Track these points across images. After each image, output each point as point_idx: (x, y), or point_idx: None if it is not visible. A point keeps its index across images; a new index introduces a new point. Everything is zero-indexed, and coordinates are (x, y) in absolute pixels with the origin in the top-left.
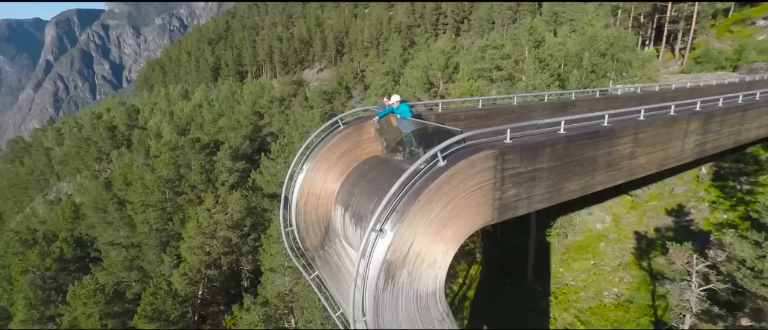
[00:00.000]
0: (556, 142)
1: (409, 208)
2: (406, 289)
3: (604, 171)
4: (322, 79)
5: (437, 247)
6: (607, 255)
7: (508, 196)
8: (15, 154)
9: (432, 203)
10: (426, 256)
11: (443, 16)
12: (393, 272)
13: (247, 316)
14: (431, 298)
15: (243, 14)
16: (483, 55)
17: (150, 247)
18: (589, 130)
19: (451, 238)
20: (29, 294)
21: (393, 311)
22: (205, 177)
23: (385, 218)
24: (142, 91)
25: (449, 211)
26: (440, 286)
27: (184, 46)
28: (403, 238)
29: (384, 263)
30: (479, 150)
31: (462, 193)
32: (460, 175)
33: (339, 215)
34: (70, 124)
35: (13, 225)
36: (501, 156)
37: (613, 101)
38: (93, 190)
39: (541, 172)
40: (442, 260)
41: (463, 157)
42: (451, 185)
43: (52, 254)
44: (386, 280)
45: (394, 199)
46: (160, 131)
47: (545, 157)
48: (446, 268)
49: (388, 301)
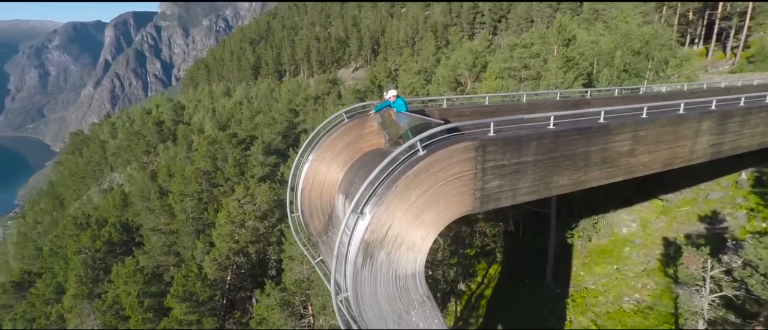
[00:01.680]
0: (543, 137)
1: (387, 193)
2: (385, 269)
3: (599, 167)
4: (358, 78)
5: (416, 232)
6: (632, 260)
7: (490, 187)
8: (75, 146)
9: (410, 190)
10: (404, 239)
11: (480, 15)
12: (371, 252)
13: (266, 301)
14: (411, 280)
15: (283, 15)
16: (512, 54)
17: (186, 234)
18: (581, 125)
19: (430, 223)
20: (80, 272)
21: (372, 288)
22: (238, 170)
23: (365, 201)
24: (188, 89)
25: (428, 198)
26: (420, 269)
27: (227, 45)
28: (381, 220)
29: (362, 243)
30: (458, 141)
31: (440, 182)
32: (438, 165)
33: (341, 203)
34: (123, 119)
35: (72, 210)
36: (481, 148)
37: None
38: (140, 181)
39: (526, 166)
40: (421, 244)
41: (441, 147)
42: (429, 173)
43: (101, 237)
44: (365, 258)
45: (374, 183)
46: (202, 127)
47: (531, 150)
48: (426, 253)
49: (367, 278)
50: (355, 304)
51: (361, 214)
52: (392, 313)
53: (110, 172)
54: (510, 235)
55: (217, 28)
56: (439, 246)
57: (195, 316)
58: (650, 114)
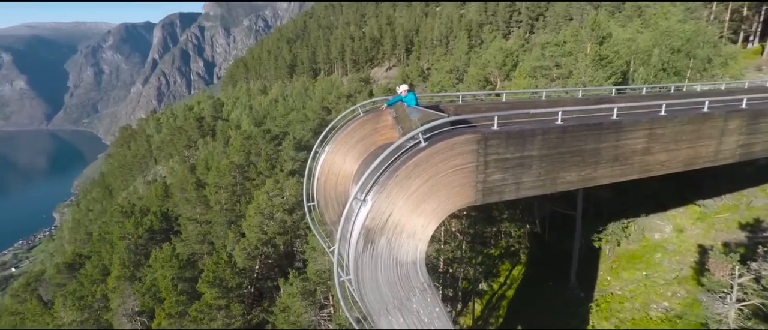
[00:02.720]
0: (548, 132)
1: (388, 181)
2: (386, 255)
3: (610, 165)
4: (391, 76)
5: (417, 221)
6: (663, 267)
7: (492, 180)
8: (124, 139)
9: (410, 179)
10: (405, 226)
11: (517, 13)
12: (372, 237)
13: (289, 289)
14: (411, 267)
15: (319, 14)
16: (543, 53)
17: (219, 224)
18: (591, 121)
19: (431, 213)
20: (124, 256)
21: (372, 273)
22: (269, 164)
23: (368, 189)
24: (227, 87)
25: (428, 187)
26: (421, 257)
27: (265, 45)
28: (381, 207)
29: (363, 228)
30: (460, 133)
31: (441, 173)
32: (439, 156)
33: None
34: (168, 114)
35: (119, 200)
36: (483, 141)
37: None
38: (180, 173)
39: (530, 160)
40: (421, 233)
41: (443, 139)
42: (430, 164)
43: (144, 225)
44: (365, 244)
45: (376, 172)
46: (239, 123)
47: (535, 145)
48: (427, 241)
49: (368, 263)
50: (356, 287)
51: (364, 201)
52: (393, 298)
53: (154, 165)
54: (535, 236)
55: (257, 27)
56: (458, 243)
57: (224, 302)
58: (669, 111)
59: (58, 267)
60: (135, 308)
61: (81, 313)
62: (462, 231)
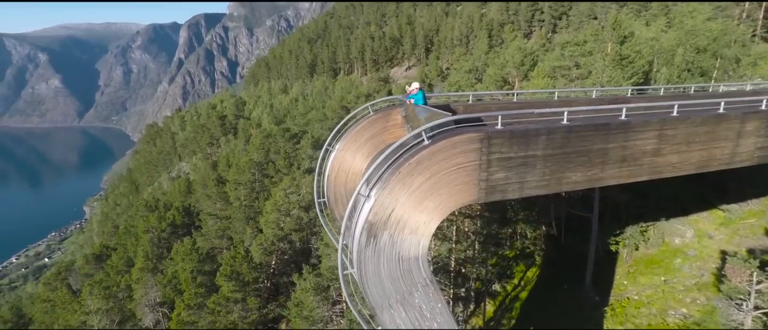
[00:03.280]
0: (553, 132)
1: (391, 178)
2: (388, 249)
3: (618, 165)
4: (410, 76)
5: (419, 217)
6: (683, 273)
7: (495, 179)
8: (150, 137)
9: (413, 176)
10: (408, 222)
11: (539, 13)
12: (374, 232)
13: (302, 284)
14: (414, 262)
15: (340, 14)
16: (563, 53)
17: (238, 220)
18: (597, 121)
19: (433, 210)
20: (147, 248)
21: (375, 267)
22: (288, 162)
23: (371, 185)
24: (249, 86)
25: (431, 185)
26: (423, 253)
27: (286, 45)
28: (384, 203)
29: (366, 223)
30: (463, 132)
31: (444, 170)
32: (441, 154)
33: None
34: (192, 113)
35: (145, 195)
36: (486, 140)
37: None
38: (202, 170)
39: (534, 159)
40: (424, 229)
41: (445, 137)
42: (432, 161)
43: (167, 219)
44: (368, 238)
45: (380, 168)
46: (260, 121)
47: (540, 144)
48: (429, 237)
49: (370, 257)
50: (359, 280)
51: (367, 196)
52: (395, 292)
53: (178, 162)
54: (551, 238)
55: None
56: (471, 243)
57: (240, 295)
58: (682, 112)
59: (86, 258)
60: (157, 299)
61: (106, 302)
62: (475, 231)
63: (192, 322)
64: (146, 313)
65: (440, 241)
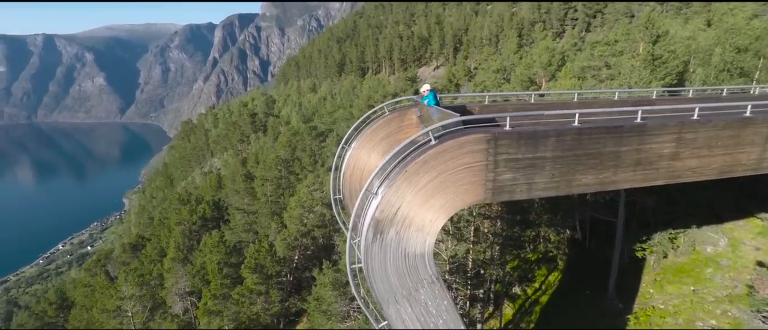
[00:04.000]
0: (563, 133)
1: (398, 176)
2: (394, 246)
3: (632, 169)
4: (437, 76)
5: (425, 215)
6: (714, 283)
7: (503, 180)
8: (185, 133)
9: (419, 175)
10: (414, 220)
11: (573, 11)
12: (381, 229)
13: (321, 279)
14: (420, 259)
15: (369, 14)
16: (592, 52)
17: (264, 215)
18: (610, 124)
19: (439, 208)
20: (178, 240)
21: (381, 263)
22: (313, 159)
23: (379, 183)
24: (280, 84)
25: (437, 184)
26: (429, 250)
27: (316, 44)
28: (390, 200)
29: (373, 220)
30: (470, 133)
31: (450, 170)
32: (447, 154)
33: None
34: (224, 110)
35: (179, 189)
36: (493, 140)
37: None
38: (232, 165)
39: (543, 161)
40: (430, 227)
41: (452, 137)
42: (439, 161)
43: (197, 213)
44: (375, 234)
45: (387, 167)
46: (289, 119)
47: (549, 146)
48: (435, 235)
49: (377, 253)
50: (366, 274)
51: (375, 193)
52: (401, 288)
53: (211, 157)
54: (575, 242)
55: (310, 27)
56: (489, 244)
57: (263, 287)
58: (703, 115)
59: (123, 247)
60: (186, 288)
61: (139, 289)
62: (495, 233)
63: (217, 312)
64: (176, 301)
65: (457, 241)
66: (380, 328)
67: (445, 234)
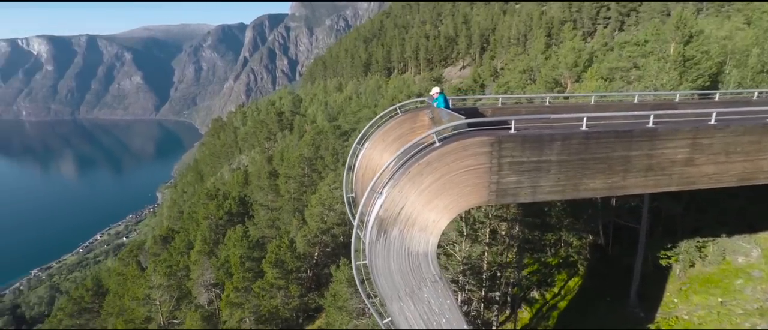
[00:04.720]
0: (569, 137)
1: (402, 177)
2: (398, 245)
3: (643, 174)
4: (464, 76)
5: (429, 215)
6: (744, 295)
7: (507, 182)
8: (215, 130)
9: (423, 176)
10: (417, 220)
11: (606, 10)
12: (385, 227)
13: (338, 275)
14: (423, 259)
15: (396, 13)
16: (621, 53)
17: (286, 212)
18: (619, 128)
19: (443, 209)
20: (205, 233)
21: (385, 261)
22: (335, 158)
23: (384, 183)
24: (307, 84)
25: (440, 185)
26: (432, 250)
27: (343, 44)
28: (394, 200)
29: (377, 218)
30: (474, 135)
31: (454, 172)
32: (451, 155)
33: None
34: (253, 109)
35: (208, 184)
36: (497, 143)
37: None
38: (259, 163)
39: (548, 165)
40: (433, 227)
41: (456, 139)
42: (442, 163)
43: (224, 208)
44: (379, 232)
45: (393, 167)
46: (315, 118)
47: (554, 150)
48: (438, 235)
49: (380, 251)
50: (370, 271)
51: (380, 193)
52: (405, 285)
53: (239, 154)
54: (598, 248)
55: (338, 27)
56: (506, 246)
57: (283, 282)
58: (720, 120)
59: (155, 239)
60: (211, 280)
61: (167, 279)
62: (512, 235)
63: (239, 304)
64: (201, 292)
65: (472, 243)
66: (385, 324)
67: (458, 235)
